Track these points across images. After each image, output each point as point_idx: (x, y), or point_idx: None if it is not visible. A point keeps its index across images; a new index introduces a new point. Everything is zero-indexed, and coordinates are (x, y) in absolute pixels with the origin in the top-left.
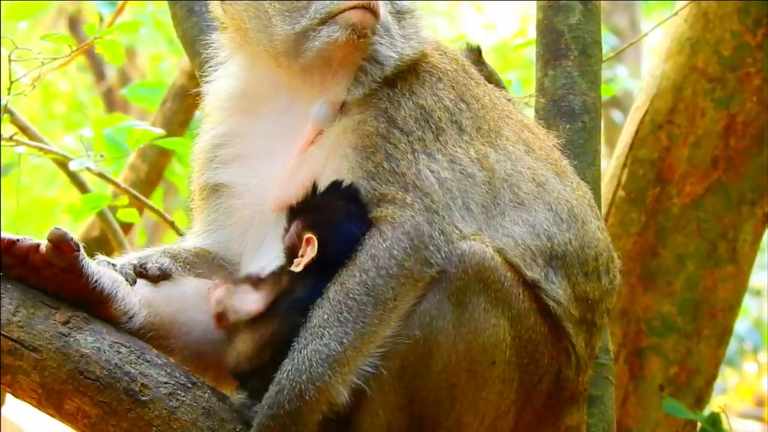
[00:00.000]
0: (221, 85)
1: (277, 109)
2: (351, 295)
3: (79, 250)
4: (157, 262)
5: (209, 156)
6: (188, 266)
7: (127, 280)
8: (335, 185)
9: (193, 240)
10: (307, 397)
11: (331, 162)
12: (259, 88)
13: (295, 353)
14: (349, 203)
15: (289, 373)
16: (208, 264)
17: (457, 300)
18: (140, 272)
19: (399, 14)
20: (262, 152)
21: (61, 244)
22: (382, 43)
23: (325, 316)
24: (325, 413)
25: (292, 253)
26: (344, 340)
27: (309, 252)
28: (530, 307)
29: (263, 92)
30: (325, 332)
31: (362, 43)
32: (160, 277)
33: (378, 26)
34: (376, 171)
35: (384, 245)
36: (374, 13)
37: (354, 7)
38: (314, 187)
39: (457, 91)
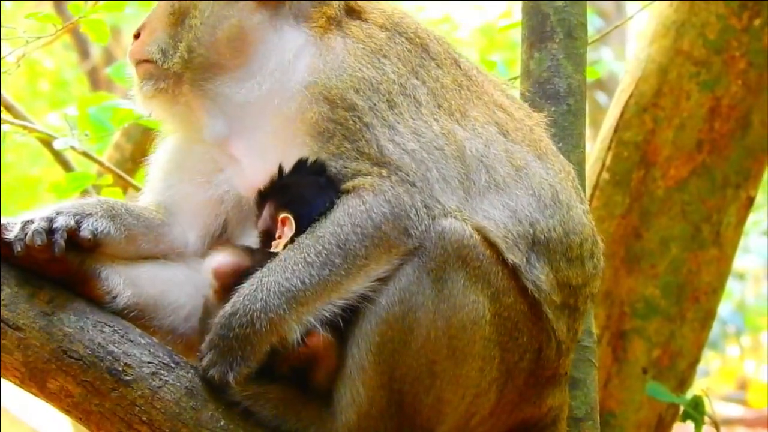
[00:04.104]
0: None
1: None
2: (321, 243)
3: None
4: (93, 225)
5: (164, 174)
6: (126, 229)
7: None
8: (301, 163)
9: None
10: (257, 326)
11: (291, 154)
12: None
13: (256, 281)
14: (318, 177)
15: (245, 298)
16: (154, 232)
17: (436, 276)
18: (72, 231)
19: (176, 24)
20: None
21: None
22: (158, 79)
23: (292, 254)
24: (275, 345)
25: (267, 236)
26: (306, 281)
27: (287, 232)
28: (510, 285)
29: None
30: (289, 268)
31: (151, 88)
32: (91, 242)
33: (155, 66)
34: (339, 152)
35: (363, 207)
36: (147, 60)
37: (136, 64)
38: (280, 168)
39: (408, 68)
